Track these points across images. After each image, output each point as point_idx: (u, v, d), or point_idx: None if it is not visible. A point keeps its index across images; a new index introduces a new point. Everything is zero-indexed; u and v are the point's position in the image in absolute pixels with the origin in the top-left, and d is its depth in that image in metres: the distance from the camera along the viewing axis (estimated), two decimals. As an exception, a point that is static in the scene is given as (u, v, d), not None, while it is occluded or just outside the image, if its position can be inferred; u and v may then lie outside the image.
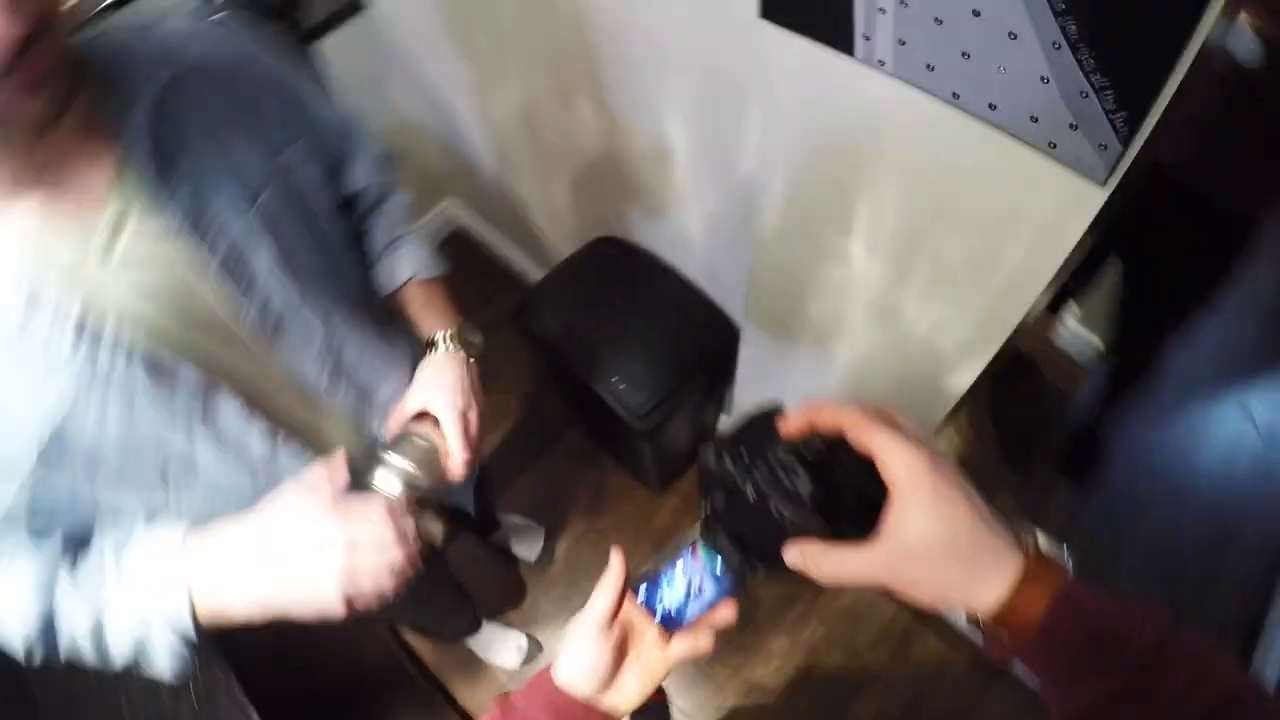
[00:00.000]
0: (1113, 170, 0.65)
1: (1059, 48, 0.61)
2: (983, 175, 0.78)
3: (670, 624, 0.72)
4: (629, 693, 0.74)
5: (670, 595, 0.73)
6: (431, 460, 0.90)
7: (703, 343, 1.70)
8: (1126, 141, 0.62)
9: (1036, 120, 0.66)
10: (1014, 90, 0.66)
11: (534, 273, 2.72)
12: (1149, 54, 0.57)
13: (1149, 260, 1.66)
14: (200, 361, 0.78)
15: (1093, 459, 2.13)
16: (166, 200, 0.73)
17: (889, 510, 0.53)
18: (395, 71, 2.42)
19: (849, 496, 0.55)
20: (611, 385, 1.61)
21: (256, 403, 0.83)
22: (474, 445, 0.93)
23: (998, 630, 0.55)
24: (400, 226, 1.12)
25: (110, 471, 0.75)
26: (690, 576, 0.71)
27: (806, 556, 0.56)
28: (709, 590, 0.71)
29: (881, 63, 0.75)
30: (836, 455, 0.55)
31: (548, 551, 2.26)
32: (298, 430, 0.90)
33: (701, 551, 0.70)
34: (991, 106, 0.69)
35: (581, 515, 2.35)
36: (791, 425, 0.57)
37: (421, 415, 0.97)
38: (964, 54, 0.67)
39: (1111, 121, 0.61)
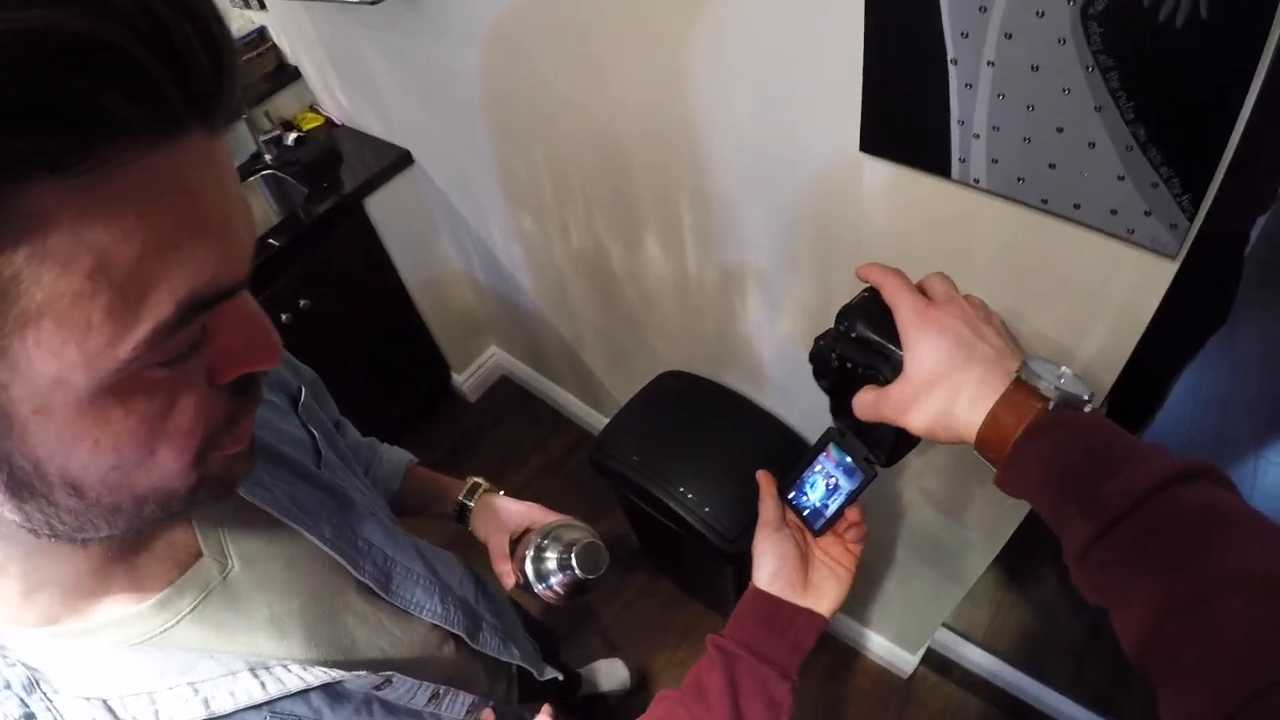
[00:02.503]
0: (1182, 244, 0.80)
1: (1131, 150, 0.76)
2: (1068, 266, 0.91)
3: (815, 519, 0.89)
4: (828, 592, 0.89)
5: (813, 494, 0.90)
6: (591, 549, 1.04)
7: (784, 468, 1.72)
8: (1193, 218, 0.77)
9: (1116, 213, 0.82)
10: (1095, 190, 0.82)
11: (587, 414, 2.78)
12: (1203, 143, 0.73)
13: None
14: (358, 657, 0.80)
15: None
16: (248, 504, 0.72)
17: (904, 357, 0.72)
18: (442, 224, 2.52)
19: (891, 331, 0.75)
20: (697, 511, 1.66)
21: (412, 671, 0.86)
22: None
23: (986, 458, 0.68)
24: (358, 435, 1.17)
25: None
26: (827, 475, 0.87)
27: (864, 402, 0.76)
28: (844, 484, 0.87)
29: (977, 180, 0.90)
30: (878, 304, 0.77)
31: (635, 677, 2.29)
32: (449, 675, 0.94)
33: (833, 450, 0.87)
34: (1076, 206, 0.85)
35: (659, 648, 2.38)
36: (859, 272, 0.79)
37: (525, 532, 1.12)
38: (1050, 165, 0.83)
39: (1179, 203, 0.77)
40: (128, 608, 0.62)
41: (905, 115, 0.93)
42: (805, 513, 0.92)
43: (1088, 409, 0.66)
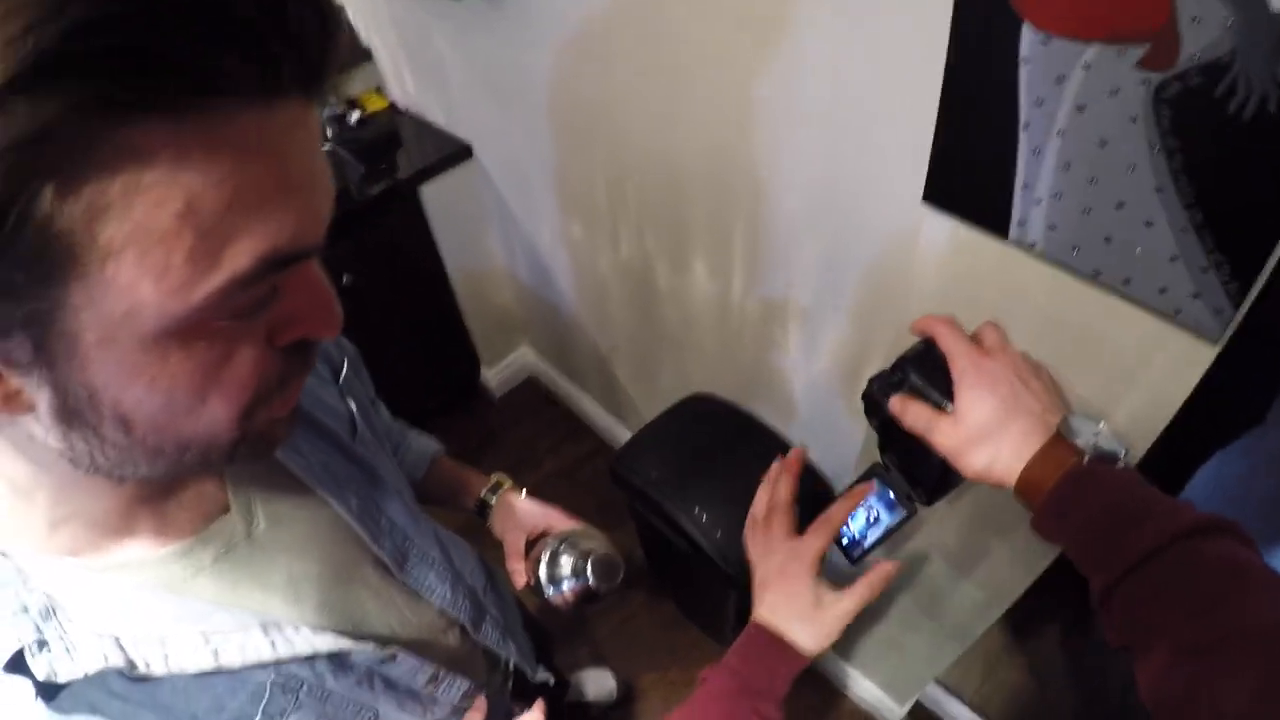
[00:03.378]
0: (1224, 330, 0.82)
1: (1185, 232, 0.79)
2: (1111, 338, 0.93)
3: (854, 549, 0.93)
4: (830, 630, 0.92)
5: (854, 525, 0.93)
6: (608, 560, 1.06)
7: (800, 504, 1.74)
8: (1237, 305, 0.79)
9: (1164, 291, 0.84)
10: (1147, 268, 0.84)
11: (608, 424, 2.79)
12: (1255, 235, 0.75)
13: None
14: (367, 631, 0.81)
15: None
16: (281, 466, 0.74)
17: (955, 398, 0.77)
18: (492, 219, 2.55)
19: (941, 382, 0.80)
20: (710, 535, 1.67)
21: (416, 651, 0.87)
22: None
23: (1022, 501, 0.73)
24: (389, 417, 1.19)
25: None
26: (869, 508, 0.91)
27: (906, 408, 0.81)
28: (885, 518, 0.91)
29: (1033, 245, 0.93)
30: (933, 354, 0.82)
31: (622, 689, 2.31)
32: (449, 660, 0.95)
33: (877, 485, 0.90)
34: (1126, 281, 0.87)
35: (650, 666, 2.39)
36: (914, 327, 0.85)
37: (541, 535, 1.14)
38: (1106, 238, 0.86)
39: (1226, 290, 0.79)
40: (150, 551, 0.63)
41: (971, 172, 0.96)
42: (844, 541, 0.95)
43: (1120, 465, 0.70)
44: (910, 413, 0.82)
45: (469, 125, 2.36)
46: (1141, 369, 0.94)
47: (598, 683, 2.29)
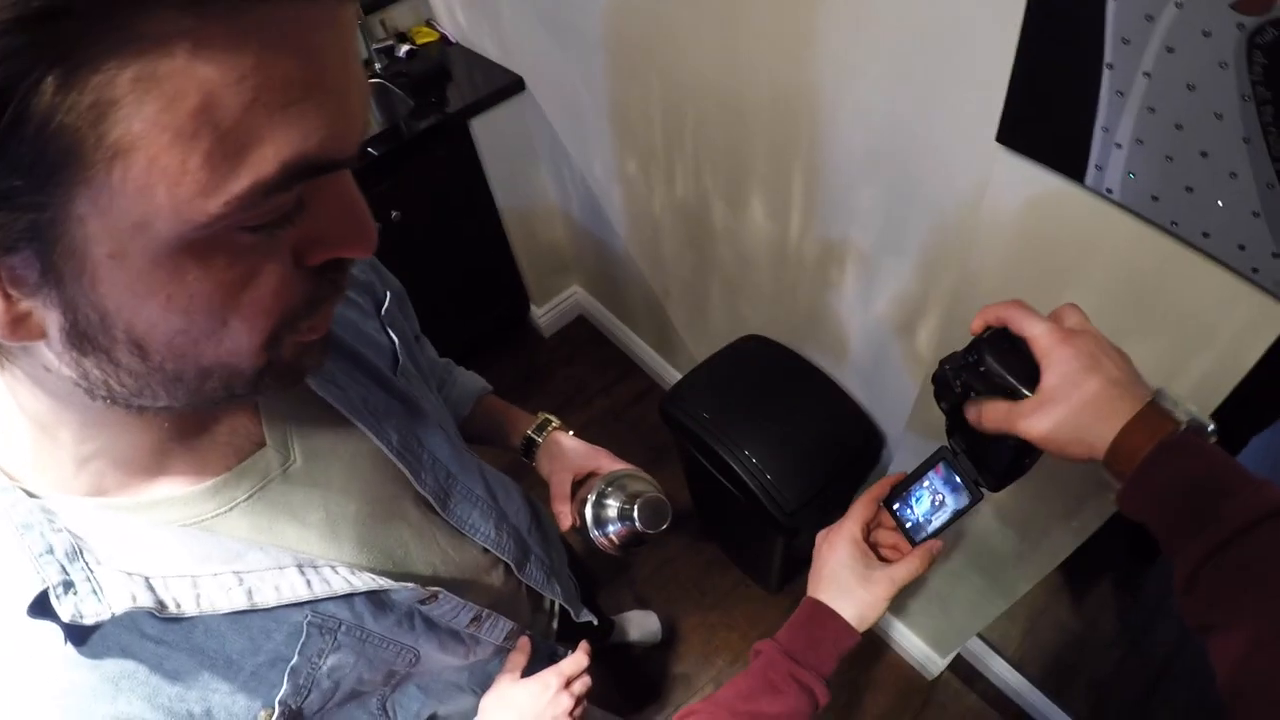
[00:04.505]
0: (1302, 293, 0.79)
1: (1272, 188, 0.74)
2: (1184, 294, 0.90)
3: (916, 532, 0.92)
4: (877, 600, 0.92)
5: (918, 508, 0.92)
6: (656, 504, 1.05)
7: (850, 448, 1.75)
8: (1318, 268, 0.76)
9: (1243, 249, 0.80)
10: (1228, 222, 0.80)
11: (658, 365, 2.79)
12: None
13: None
14: (407, 570, 0.80)
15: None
16: (319, 399, 0.72)
17: (1041, 375, 0.74)
18: (544, 155, 2.51)
19: (1016, 366, 0.77)
20: (759, 478, 1.67)
21: (459, 591, 0.86)
22: None
23: (1112, 473, 0.70)
24: (434, 354, 1.15)
25: (334, 715, 0.76)
26: (934, 491, 0.90)
27: (994, 411, 0.77)
28: (950, 502, 0.89)
29: (1109, 191, 0.89)
30: (1006, 339, 0.79)
31: (665, 631, 2.32)
32: (493, 600, 0.95)
33: (944, 469, 0.88)
34: (1205, 235, 0.83)
35: (693, 608, 2.40)
36: (975, 324, 0.81)
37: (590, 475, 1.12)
38: (1188, 188, 0.81)
39: (1310, 251, 0.75)
40: (182, 488, 0.61)
41: (1049, 112, 0.91)
42: (907, 524, 0.94)
43: (1212, 440, 0.68)
44: (988, 417, 0.79)
45: (521, 57, 2.32)
46: (1213, 329, 0.91)
47: (642, 624, 2.32)
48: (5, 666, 0.54)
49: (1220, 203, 0.80)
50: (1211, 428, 0.69)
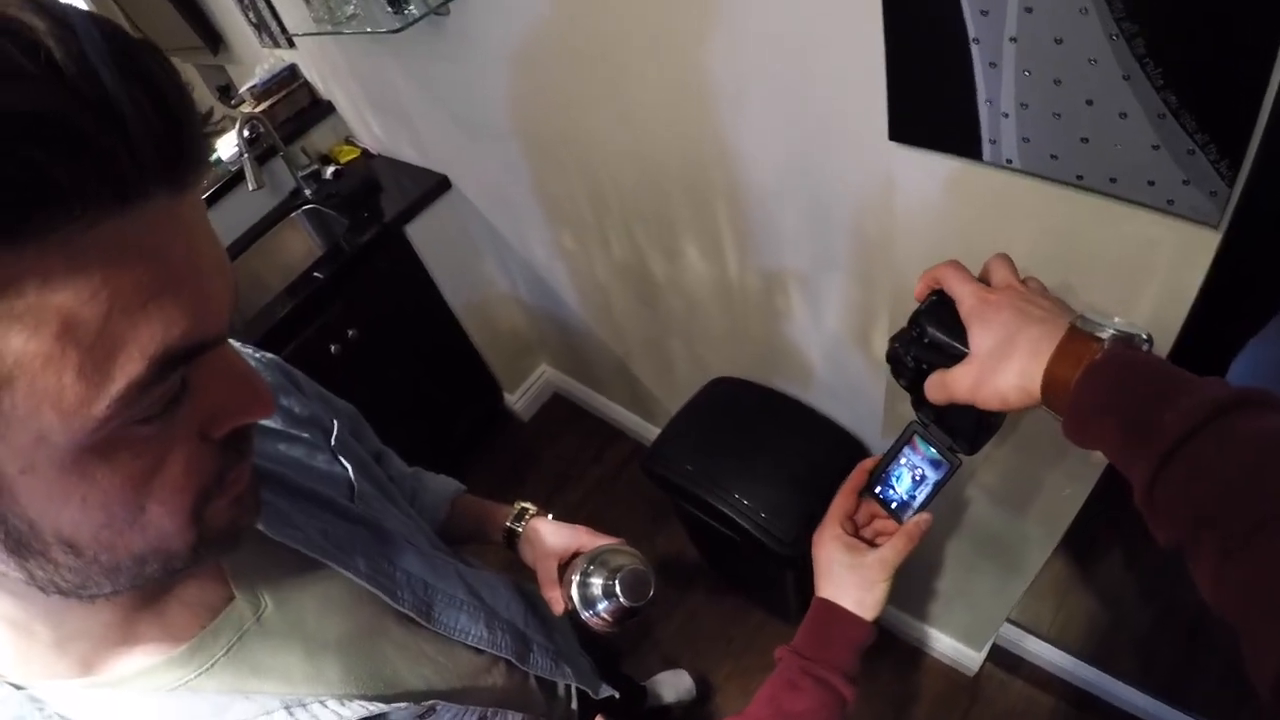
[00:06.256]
0: (1223, 212, 0.78)
1: (1164, 118, 0.74)
2: (1109, 242, 0.90)
3: (903, 510, 0.91)
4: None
5: (900, 486, 0.91)
6: (636, 576, 1.03)
7: (835, 466, 1.69)
8: (1232, 184, 0.75)
9: (1153, 184, 0.80)
10: (1130, 162, 0.80)
11: (639, 425, 2.79)
12: (1237, 105, 0.70)
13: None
14: (399, 688, 0.79)
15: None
16: (286, 542, 0.73)
17: (969, 336, 0.75)
18: (484, 246, 2.54)
19: (957, 331, 0.78)
20: (754, 517, 1.65)
21: (457, 698, 0.85)
22: None
23: (1055, 412, 0.69)
24: (402, 466, 1.18)
25: None
26: (913, 467, 0.88)
27: (932, 384, 0.79)
28: (930, 475, 0.88)
29: (1009, 161, 0.89)
30: (944, 305, 0.80)
31: (700, 686, 2.27)
32: (499, 698, 0.94)
33: (919, 443, 0.87)
34: (1112, 180, 0.82)
35: (722, 658, 2.37)
36: (918, 289, 0.82)
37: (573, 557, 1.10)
38: (1083, 139, 0.81)
39: (1217, 170, 0.74)
40: (159, 656, 0.62)
41: (932, 100, 0.92)
42: (893, 505, 0.94)
43: (1145, 349, 0.67)
44: (929, 391, 0.79)
45: (441, 156, 2.35)
46: (1148, 267, 0.90)
47: (675, 684, 2.27)
48: None
49: (1118, 145, 0.80)
50: (1145, 335, 0.68)
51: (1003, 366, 0.71)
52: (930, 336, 0.80)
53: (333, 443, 0.88)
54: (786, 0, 1.00)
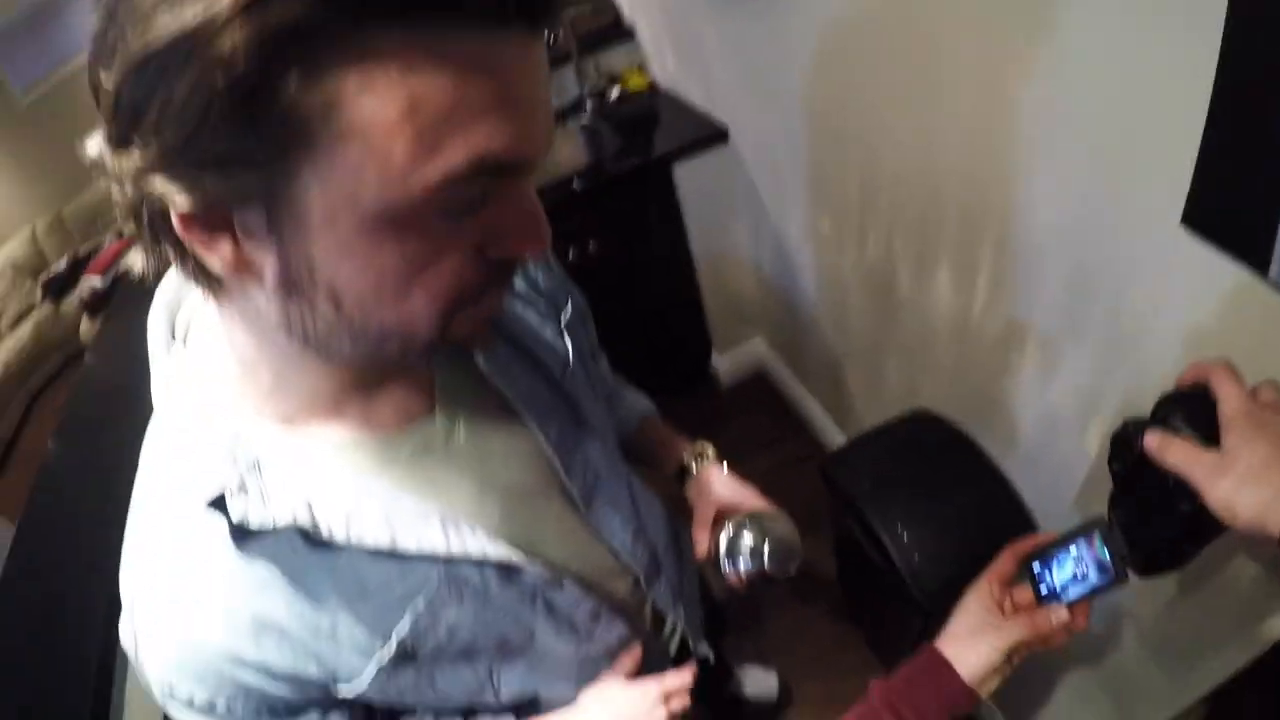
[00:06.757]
0: None
1: None
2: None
3: (1050, 599, 0.85)
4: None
5: (1058, 574, 0.86)
6: (787, 549, 1.03)
7: (1001, 540, 1.61)
8: None
9: None
10: None
11: (826, 427, 2.73)
12: None
13: None
14: (541, 554, 0.83)
15: None
16: (491, 387, 0.79)
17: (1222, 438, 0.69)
18: (742, 206, 2.53)
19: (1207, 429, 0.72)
20: (908, 555, 1.61)
21: (585, 583, 0.90)
22: None
23: None
24: (609, 370, 1.21)
25: (444, 667, 0.80)
26: (1079, 561, 0.83)
27: (1168, 445, 0.74)
28: (1091, 577, 0.83)
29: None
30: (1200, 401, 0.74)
31: (784, 693, 2.22)
32: (615, 604, 0.98)
33: (1097, 540, 0.82)
34: None
35: (817, 675, 2.32)
36: (1184, 377, 0.78)
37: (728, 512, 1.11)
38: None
39: None
40: (353, 434, 0.69)
41: (1235, 198, 0.85)
42: (1042, 590, 0.89)
43: None
44: (1172, 450, 0.73)
45: (727, 109, 2.36)
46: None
47: (760, 681, 2.24)
48: (186, 543, 0.64)
49: None
50: None
51: (1263, 477, 0.66)
52: (1175, 426, 0.75)
53: (562, 321, 0.93)
54: (1117, 64, 0.95)
